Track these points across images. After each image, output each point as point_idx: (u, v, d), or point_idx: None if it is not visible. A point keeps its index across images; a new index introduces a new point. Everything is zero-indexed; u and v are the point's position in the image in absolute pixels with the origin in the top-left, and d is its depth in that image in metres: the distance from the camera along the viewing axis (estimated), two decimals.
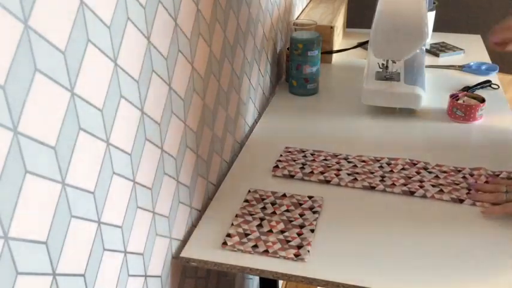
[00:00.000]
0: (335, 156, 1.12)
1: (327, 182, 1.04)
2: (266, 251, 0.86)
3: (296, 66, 1.42)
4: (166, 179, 0.83)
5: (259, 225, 0.91)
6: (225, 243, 0.88)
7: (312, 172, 1.06)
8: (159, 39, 0.74)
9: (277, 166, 1.09)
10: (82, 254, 0.61)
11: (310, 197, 0.99)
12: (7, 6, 0.45)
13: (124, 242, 0.71)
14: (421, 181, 1.02)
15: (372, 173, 1.06)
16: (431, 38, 1.88)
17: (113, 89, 0.64)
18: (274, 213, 0.95)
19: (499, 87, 1.46)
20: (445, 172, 1.05)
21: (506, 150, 1.15)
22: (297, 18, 1.75)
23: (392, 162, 1.09)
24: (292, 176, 1.06)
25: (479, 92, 1.43)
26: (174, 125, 0.84)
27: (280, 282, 1.88)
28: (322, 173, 1.06)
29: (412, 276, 0.81)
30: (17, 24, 0.46)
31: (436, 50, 1.74)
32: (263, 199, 0.99)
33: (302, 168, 1.07)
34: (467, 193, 0.98)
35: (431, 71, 1.60)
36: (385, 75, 1.35)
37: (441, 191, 0.99)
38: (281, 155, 1.13)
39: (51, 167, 0.53)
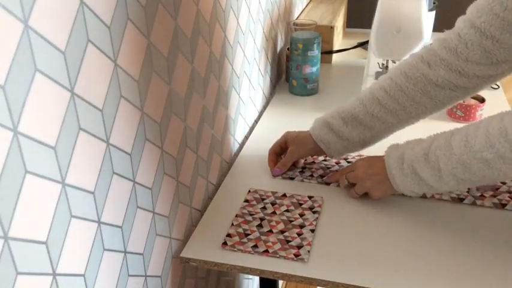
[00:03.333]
0: None
1: (327, 184, 1.04)
2: (266, 251, 0.86)
3: (296, 66, 1.42)
4: (166, 179, 0.83)
5: (259, 225, 0.91)
6: (225, 243, 0.88)
7: (311, 175, 1.06)
8: (159, 39, 0.74)
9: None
10: (82, 254, 0.61)
11: (310, 197, 0.99)
12: (7, 6, 0.45)
13: (124, 242, 0.71)
14: None
15: None
16: (431, 38, 1.88)
17: (113, 89, 0.64)
18: (274, 213, 0.95)
19: (499, 87, 1.46)
20: None
21: None
22: (297, 18, 1.75)
23: None
24: (292, 179, 1.06)
25: (479, 92, 1.43)
26: (174, 125, 0.84)
27: (280, 282, 1.88)
28: (321, 176, 1.06)
29: (411, 276, 0.81)
30: (17, 24, 0.46)
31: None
32: (263, 199, 0.99)
33: (302, 172, 1.07)
34: (467, 191, 0.98)
35: None
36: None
37: None
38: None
39: (51, 167, 0.53)
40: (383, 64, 1.35)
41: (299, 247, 0.86)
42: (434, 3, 1.64)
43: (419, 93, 0.93)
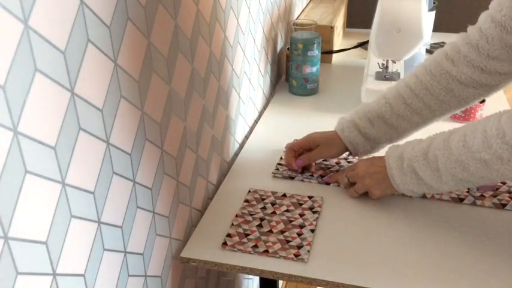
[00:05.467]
0: None
1: (327, 184, 1.04)
2: (266, 251, 0.86)
3: (296, 66, 1.42)
4: (166, 179, 0.83)
5: (259, 225, 0.91)
6: (225, 243, 0.88)
7: (311, 175, 1.06)
8: (159, 39, 0.74)
9: (277, 169, 1.08)
10: (82, 254, 0.61)
11: (310, 197, 0.99)
12: (7, 6, 0.45)
13: (124, 242, 0.71)
14: None
15: None
16: (431, 38, 1.88)
17: (113, 89, 0.64)
18: (274, 213, 0.95)
19: None
20: None
21: None
22: (297, 18, 1.75)
23: None
24: (292, 178, 1.06)
25: None
26: (174, 125, 0.84)
27: (280, 282, 1.88)
28: (321, 176, 1.06)
29: (411, 276, 0.81)
30: (17, 24, 0.46)
31: (436, 50, 1.74)
32: (263, 199, 0.99)
33: (302, 172, 1.07)
34: (467, 191, 0.98)
35: None
36: (385, 75, 1.35)
37: None
38: (281, 158, 1.12)
39: (51, 167, 0.53)
40: (383, 64, 1.35)
41: (299, 247, 0.86)
42: (434, 3, 1.64)
43: (443, 92, 0.94)
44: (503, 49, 0.85)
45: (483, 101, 1.28)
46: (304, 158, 1.06)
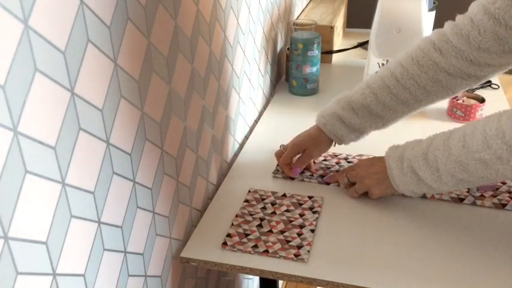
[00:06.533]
0: (335, 156, 1.12)
1: (327, 184, 1.04)
2: (266, 251, 0.86)
3: (296, 66, 1.42)
4: (166, 179, 0.83)
5: (259, 225, 0.91)
6: (225, 243, 0.88)
7: (311, 175, 1.06)
8: (159, 39, 0.74)
9: (277, 169, 1.08)
10: (82, 254, 0.61)
11: (310, 197, 0.99)
12: (7, 6, 0.45)
13: (124, 242, 0.71)
14: None
15: None
16: None
17: (113, 89, 0.64)
18: (274, 213, 0.95)
19: (499, 87, 1.46)
20: None
21: None
22: (297, 18, 1.75)
23: None
24: (292, 179, 1.06)
25: (479, 92, 1.43)
26: (174, 125, 0.84)
27: (280, 282, 1.88)
28: (321, 176, 1.06)
29: (411, 275, 0.81)
30: (17, 24, 0.46)
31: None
32: (263, 199, 0.99)
33: (302, 172, 1.07)
34: (467, 191, 0.98)
35: None
36: None
37: None
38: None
39: (51, 167, 0.53)
40: (383, 64, 1.35)
41: (299, 247, 0.86)
42: (434, 3, 1.64)
43: (430, 82, 0.93)
44: (495, 41, 0.84)
45: (483, 101, 1.28)
46: (298, 164, 1.05)
